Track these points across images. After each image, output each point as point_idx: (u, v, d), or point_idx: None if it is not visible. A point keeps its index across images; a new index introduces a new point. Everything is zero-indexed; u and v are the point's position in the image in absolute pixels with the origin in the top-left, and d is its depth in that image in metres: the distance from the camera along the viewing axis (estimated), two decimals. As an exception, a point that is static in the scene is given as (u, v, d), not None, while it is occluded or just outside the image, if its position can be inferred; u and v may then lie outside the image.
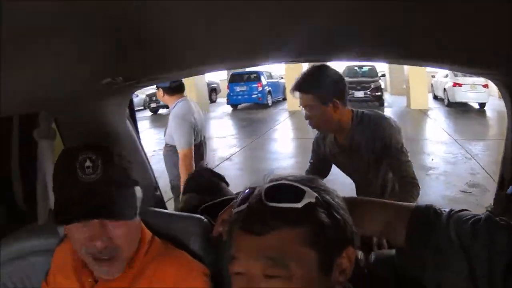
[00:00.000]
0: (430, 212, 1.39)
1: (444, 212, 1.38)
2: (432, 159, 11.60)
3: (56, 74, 1.52)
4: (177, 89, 4.80)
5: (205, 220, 2.04)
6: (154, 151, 10.96)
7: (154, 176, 2.87)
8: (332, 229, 1.18)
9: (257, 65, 2.19)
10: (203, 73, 3.42)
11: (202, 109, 17.62)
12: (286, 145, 15.09)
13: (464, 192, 8.99)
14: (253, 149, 14.65)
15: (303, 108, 3.07)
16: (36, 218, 2.42)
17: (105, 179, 1.63)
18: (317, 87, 2.95)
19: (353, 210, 1.33)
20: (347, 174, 3.45)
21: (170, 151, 5.00)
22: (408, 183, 2.89)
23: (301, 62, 3.04)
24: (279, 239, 1.14)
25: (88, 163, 1.62)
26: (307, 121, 3.10)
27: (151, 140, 14.08)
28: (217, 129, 19.06)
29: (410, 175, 2.93)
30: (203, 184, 2.72)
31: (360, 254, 1.74)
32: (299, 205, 1.16)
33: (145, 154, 2.80)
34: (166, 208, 2.96)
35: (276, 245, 1.14)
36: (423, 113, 20.27)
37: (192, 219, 2.10)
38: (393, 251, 1.61)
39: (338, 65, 27.05)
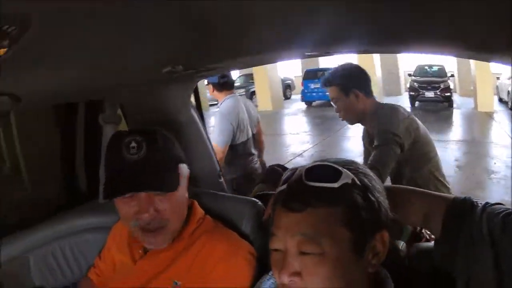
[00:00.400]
0: (466, 204, 1.39)
1: (480, 205, 1.37)
2: (495, 163, 11.29)
3: (120, 62, 1.60)
4: (225, 85, 4.73)
5: (259, 203, 2.07)
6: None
7: (218, 164, 2.93)
8: (366, 210, 1.21)
9: (330, 54, 2.21)
10: (267, 63, 3.34)
11: (276, 106, 17.62)
12: (358, 144, 14.62)
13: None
14: (325, 146, 14.55)
15: (333, 102, 3.38)
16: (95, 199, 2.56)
17: (148, 158, 1.73)
18: (338, 80, 3.29)
19: (394, 198, 1.36)
20: None
21: None
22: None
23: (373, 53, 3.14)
24: (315, 217, 1.18)
25: (133, 144, 1.74)
26: (338, 114, 3.40)
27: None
28: (291, 126, 19.05)
29: (378, 161, 2.99)
30: (273, 177, 2.78)
31: (402, 245, 1.74)
32: (336, 185, 1.20)
33: (210, 143, 2.87)
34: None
35: (311, 222, 1.18)
36: (489, 115, 19.62)
37: (247, 201, 2.13)
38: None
39: (410, 64, 26.60)
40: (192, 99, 2.90)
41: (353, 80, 3.29)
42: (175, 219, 1.83)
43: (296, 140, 15.48)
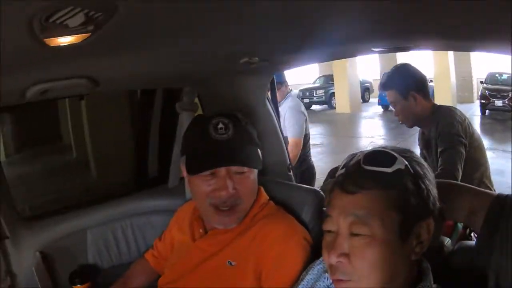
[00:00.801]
0: (508, 200, 1.42)
1: None
2: None
3: (201, 50, 1.67)
4: (284, 83, 4.80)
5: (320, 192, 2.11)
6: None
7: (289, 158, 2.97)
8: (415, 196, 1.25)
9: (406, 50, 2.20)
10: (336, 59, 3.37)
11: (354, 108, 17.60)
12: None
13: None
14: (398, 150, 14.30)
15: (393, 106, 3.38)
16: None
17: (235, 137, 1.86)
18: (396, 83, 3.27)
19: (442, 192, 1.39)
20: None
21: None
22: (443, 173, 2.88)
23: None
24: (368, 199, 1.24)
25: (220, 125, 1.86)
26: (397, 117, 3.39)
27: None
28: (367, 129, 18.94)
29: (450, 163, 2.97)
30: None
31: (447, 241, 1.73)
32: (390, 170, 1.26)
33: (283, 135, 2.92)
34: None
35: (364, 204, 1.23)
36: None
37: (309, 190, 2.20)
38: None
39: (482, 71, 25.71)
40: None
41: (411, 83, 3.26)
42: (248, 199, 1.93)
43: (369, 143, 15.33)
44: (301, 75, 28.05)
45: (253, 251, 1.86)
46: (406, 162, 1.28)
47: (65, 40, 1.02)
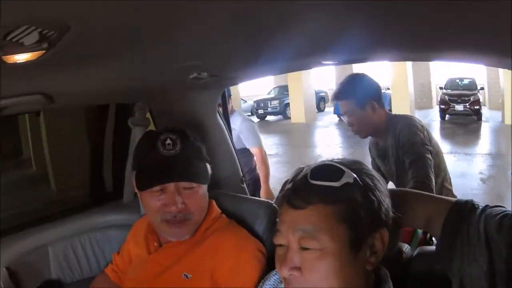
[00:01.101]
0: (467, 206, 1.44)
1: (480, 207, 1.42)
2: None
3: (152, 68, 1.74)
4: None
5: (273, 204, 2.14)
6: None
7: (241, 169, 3.02)
8: (366, 209, 1.26)
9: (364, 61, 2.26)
10: (286, 72, 3.37)
11: (310, 118, 17.67)
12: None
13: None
14: (354, 157, 14.31)
15: (344, 116, 3.24)
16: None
17: (182, 153, 1.92)
18: (354, 92, 3.12)
19: (399, 201, 1.44)
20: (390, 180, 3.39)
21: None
22: (418, 185, 2.79)
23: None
24: (315, 214, 1.24)
25: (168, 141, 1.91)
26: (350, 128, 3.24)
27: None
28: (323, 138, 19.06)
29: (422, 175, 2.88)
30: None
31: (406, 248, 1.76)
32: (337, 184, 1.25)
33: (234, 148, 2.97)
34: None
35: (311, 219, 1.24)
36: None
37: (261, 203, 2.25)
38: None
39: (442, 77, 26.30)
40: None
41: (368, 92, 3.16)
42: (198, 213, 1.98)
43: (327, 152, 15.51)
44: (256, 86, 28.14)
45: (208, 263, 1.90)
46: (355, 175, 1.29)
47: (21, 57, 1.05)
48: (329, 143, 17.43)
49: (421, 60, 3.00)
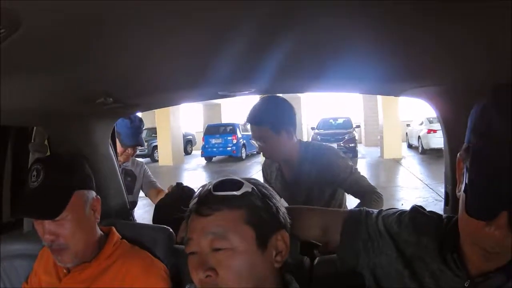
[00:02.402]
0: (362, 213, 1.68)
1: (374, 211, 1.67)
2: (402, 204, 11.69)
3: (54, 91, 1.80)
4: None
5: (170, 229, 2.28)
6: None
7: (127, 199, 3.06)
8: (265, 212, 1.43)
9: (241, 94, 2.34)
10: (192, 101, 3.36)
11: (177, 161, 17.63)
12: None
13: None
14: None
15: (254, 141, 3.11)
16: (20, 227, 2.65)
17: (42, 185, 1.91)
18: (271, 117, 2.98)
19: (296, 217, 1.61)
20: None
21: None
22: (369, 193, 2.97)
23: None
24: (222, 218, 1.38)
25: (34, 173, 1.94)
26: (262, 152, 3.15)
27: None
28: (191, 181, 19.09)
29: (368, 187, 3.03)
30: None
31: (305, 259, 1.90)
32: (238, 192, 1.41)
33: (121, 176, 3.00)
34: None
35: (219, 223, 1.37)
36: (396, 161, 20.52)
37: (159, 228, 2.34)
38: (335, 256, 1.76)
39: (314, 118, 27.50)
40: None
41: (286, 118, 3.05)
42: (74, 243, 1.96)
43: (195, 194, 15.55)
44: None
45: None
46: (252, 185, 1.46)
47: None
48: (197, 185, 17.30)
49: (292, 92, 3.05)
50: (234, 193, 1.41)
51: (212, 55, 1.48)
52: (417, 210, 1.58)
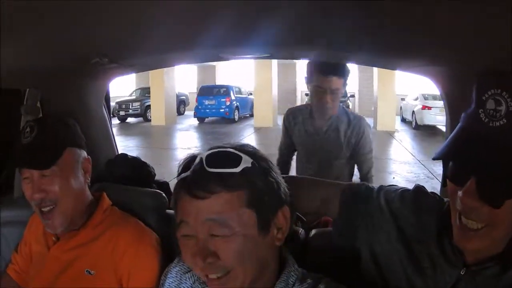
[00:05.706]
0: (362, 187, 1.65)
1: (375, 187, 1.64)
2: (394, 178, 11.81)
3: (47, 51, 1.75)
4: None
5: (163, 195, 2.25)
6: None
7: None
8: (267, 191, 1.32)
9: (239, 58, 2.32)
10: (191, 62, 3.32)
11: (169, 121, 17.51)
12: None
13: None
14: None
15: (327, 92, 3.16)
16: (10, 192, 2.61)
17: (35, 139, 1.91)
18: (346, 72, 3.17)
19: (295, 188, 1.51)
20: (309, 156, 3.59)
21: None
22: (368, 179, 3.41)
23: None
24: (220, 203, 1.26)
25: (27, 129, 1.94)
26: (327, 105, 3.21)
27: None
28: (182, 141, 19.12)
29: (370, 172, 3.49)
30: None
31: (300, 231, 1.86)
32: (237, 170, 1.27)
33: (114, 139, 2.98)
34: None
35: (217, 208, 1.25)
36: (390, 134, 20.55)
37: (152, 194, 2.30)
38: (331, 229, 1.76)
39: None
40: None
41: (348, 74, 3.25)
42: (66, 201, 1.93)
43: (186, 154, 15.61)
44: (118, 88, 27.65)
45: (108, 258, 1.92)
46: (252, 159, 1.32)
47: None
48: (189, 145, 17.49)
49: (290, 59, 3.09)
50: (233, 170, 1.27)
51: (210, 16, 1.40)
52: (421, 189, 1.56)
